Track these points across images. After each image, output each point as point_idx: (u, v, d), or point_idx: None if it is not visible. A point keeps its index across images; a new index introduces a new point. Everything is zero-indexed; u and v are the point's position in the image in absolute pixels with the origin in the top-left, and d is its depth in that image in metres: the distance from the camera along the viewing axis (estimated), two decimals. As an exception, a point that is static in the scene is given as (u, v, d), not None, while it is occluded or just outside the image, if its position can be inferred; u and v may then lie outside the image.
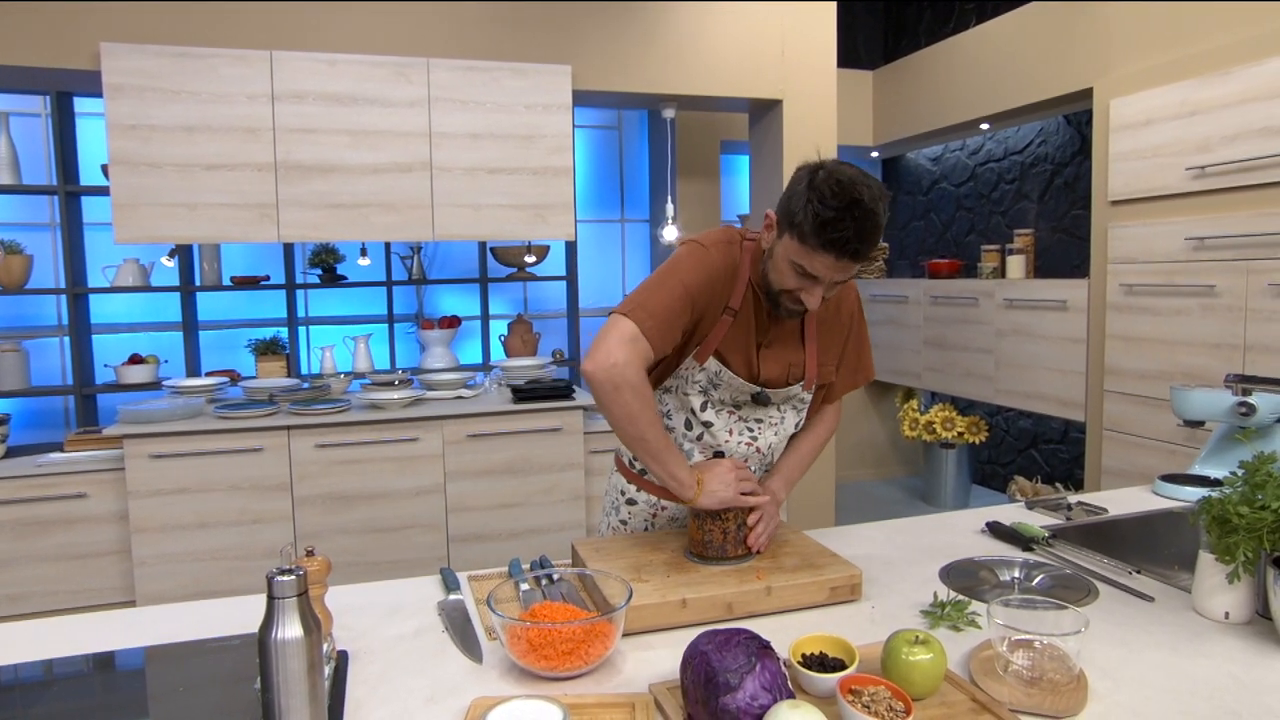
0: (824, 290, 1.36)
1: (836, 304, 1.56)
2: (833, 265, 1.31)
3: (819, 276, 1.33)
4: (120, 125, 3.00)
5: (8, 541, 3.05)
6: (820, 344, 1.55)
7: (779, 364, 1.51)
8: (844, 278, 1.35)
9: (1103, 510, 1.88)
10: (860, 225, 1.27)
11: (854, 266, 1.33)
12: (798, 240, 1.32)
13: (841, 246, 1.28)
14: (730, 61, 3.76)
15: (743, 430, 1.56)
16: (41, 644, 1.30)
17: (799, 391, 1.56)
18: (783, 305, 1.42)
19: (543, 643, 1.12)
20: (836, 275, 1.33)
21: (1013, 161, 4.69)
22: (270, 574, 0.97)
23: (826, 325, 1.55)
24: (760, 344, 1.50)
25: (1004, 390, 4.05)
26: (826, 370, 1.58)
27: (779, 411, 1.58)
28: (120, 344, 4.19)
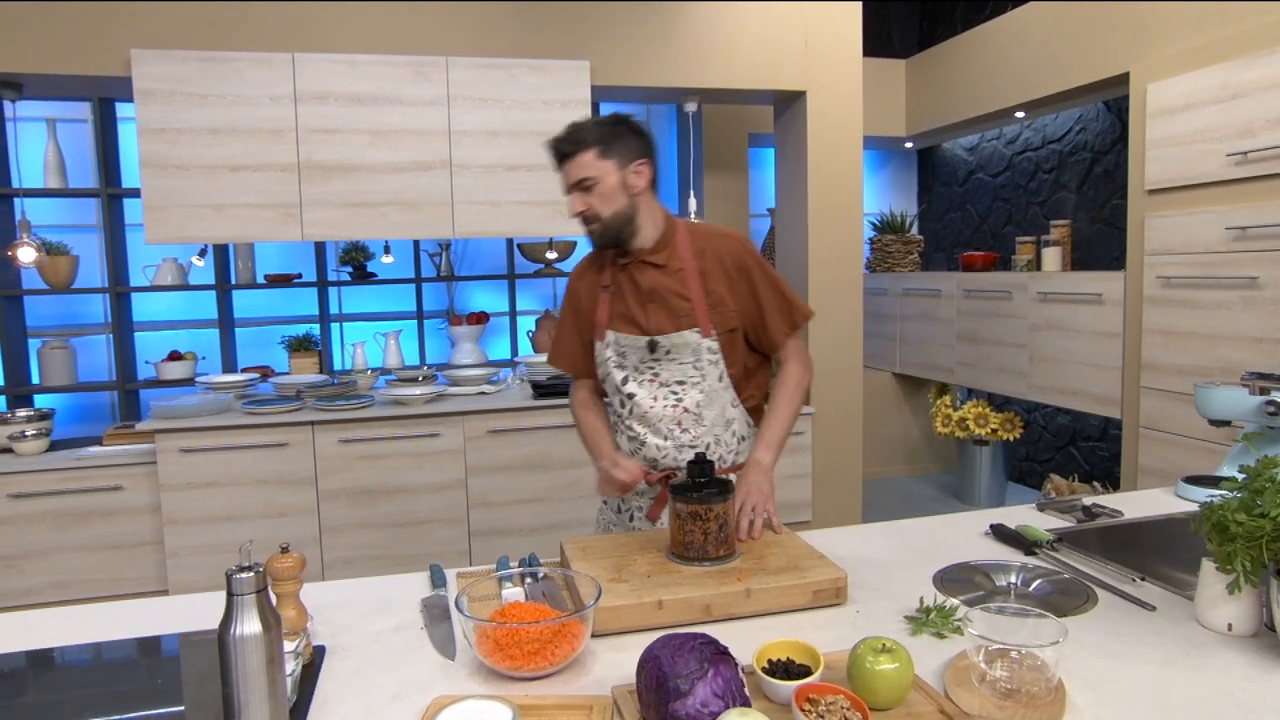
0: (576, 196, 1.63)
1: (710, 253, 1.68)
2: (563, 170, 1.63)
3: (565, 187, 1.65)
4: (150, 129, 3.09)
5: (50, 531, 3.18)
6: (707, 291, 1.66)
7: (665, 315, 1.66)
8: (572, 175, 1.62)
9: (1118, 513, 1.81)
10: (559, 136, 1.63)
11: (568, 164, 1.61)
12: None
13: (553, 154, 1.64)
14: (752, 53, 3.71)
15: (666, 395, 1.68)
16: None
17: (697, 339, 1.65)
18: (587, 236, 1.68)
19: (508, 642, 1.12)
20: (567, 179, 1.63)
21: (1051, 150, 4.54)
22: (229, 571, 0.99)
23: (709, 274, 1.67)
24: (644, 302, 1.67)
25: (1038, 386, 3.93)
26: (724, 315, 1.66)
27: (695, 369, 1.67)
28: (162, 341, 4.33)
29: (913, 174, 5.77)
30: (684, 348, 1.66)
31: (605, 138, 1.62)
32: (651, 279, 1.67)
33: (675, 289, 1.66)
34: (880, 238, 5.29)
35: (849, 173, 3.88)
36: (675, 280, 1.66)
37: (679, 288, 1.66)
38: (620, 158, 1.62)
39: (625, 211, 1.64)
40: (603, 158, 1.61)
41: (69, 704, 1.16)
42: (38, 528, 3.15)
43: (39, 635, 1.34)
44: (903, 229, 5.26)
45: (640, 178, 1.65)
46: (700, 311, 1.65)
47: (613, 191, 1.62)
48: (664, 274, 1.67)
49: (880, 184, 5.74)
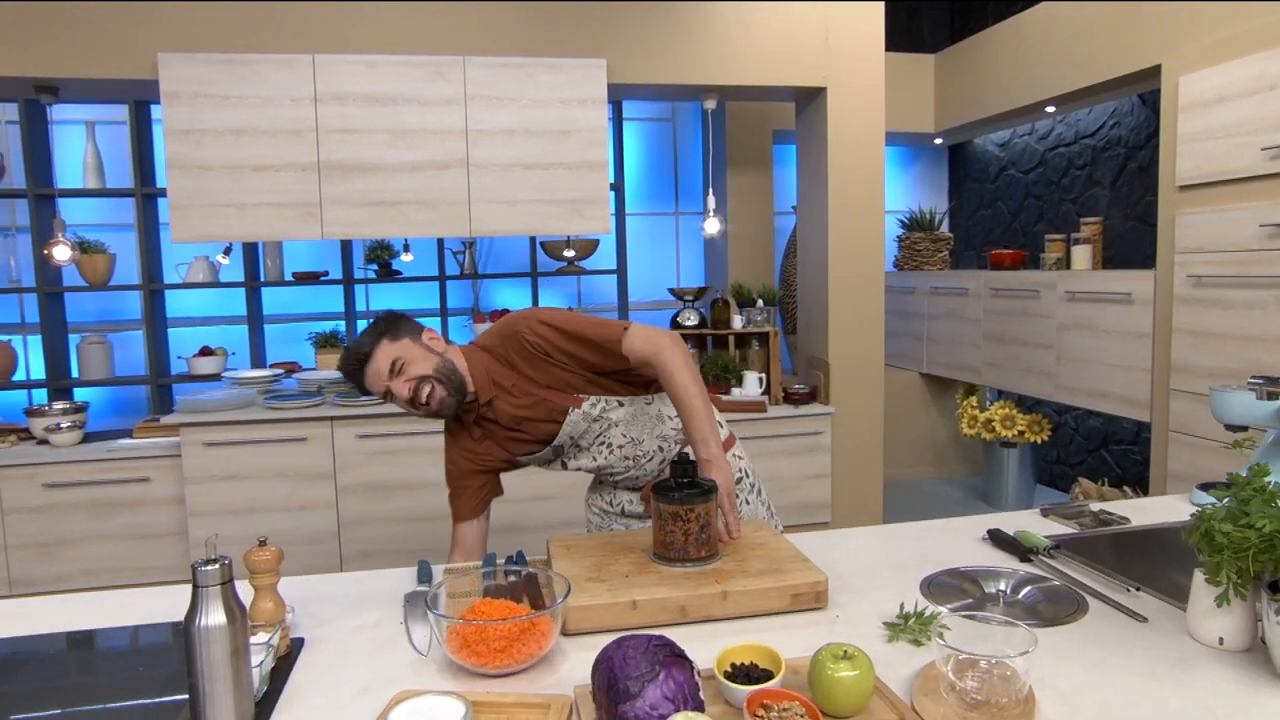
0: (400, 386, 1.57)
1: (512, 357, 1.65)
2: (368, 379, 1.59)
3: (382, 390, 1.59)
4: (175, 130, 3.17)
5: (82, 521, 3.28)
6: (541, 376, 1.65)
7: (540, 424, 1.67)
8: (384, 371, 1.57)
9: (1125, 520, 1.75)
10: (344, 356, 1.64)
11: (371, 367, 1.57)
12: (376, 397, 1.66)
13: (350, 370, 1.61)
14: (771, 49, 3.67)
15: (600, 450, 1.72)
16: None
17: (579, 414, 1.65)
18: (439, 413, 1.62)
19: (475, 640, 1.13)
20: (378, 381, 1.59)
21: (1084, 145, 4.42)
22: (195, 563, 1.01)
23: (527, 373, 1.65)
24: (518, 428, 1.68)
25: (1065, 387, 3.82)
26: (570, 380, 1.65)
27: (599, 423, 1.68)
28: (195, 336, 4.45)
29: (943, 171, 5.66)
30: (576, 425, 1.67)
31: (384, 330, 1.60)
32: (503, 410, 1.66)
33: (525, 403, 1.65)
34: (909, 235, 5.21)
35: (870, 169, 3.82)
36: (517, 398, 1.65)
37: (526, 399, 1.65)
38: (410, 335, 1.62)
39: (444, 366, 1.60)
40: (394, 340, 1.59)
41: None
42: (70, 516, 3.26)
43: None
44: (932, 226, 5.16)
45: (436, 342, 1.64)
46: (556, 398, 1.65)
47: (423, 357, 1.59)
48: (505, 400, 1.65)
49: (910, 181, 5.64)
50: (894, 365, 5.39)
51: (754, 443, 3.76)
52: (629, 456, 1.72)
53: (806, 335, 4.22)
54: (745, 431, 3.75)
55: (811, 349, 4.15)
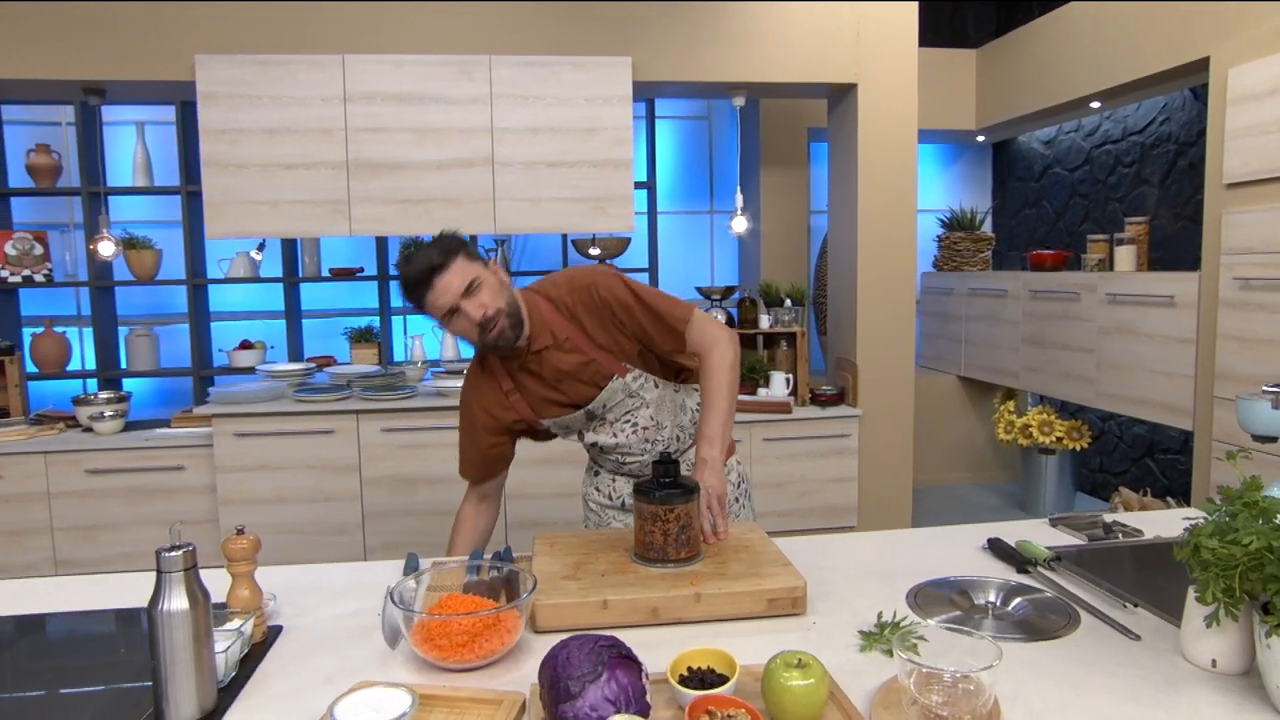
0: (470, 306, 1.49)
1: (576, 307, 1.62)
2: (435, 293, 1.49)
3: (447, 305, 1.50)
4: (211, 130, 3.27)
5: (122, 506, 3.41)
6: (596, 343, 1.63)
7: (582, 384, 1.64)
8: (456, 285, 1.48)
9: (1137, 532, 1.68)
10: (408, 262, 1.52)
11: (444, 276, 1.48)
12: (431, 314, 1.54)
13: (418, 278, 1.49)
14: (800, 45, 3.62)
15: (623, 427, 1.70)
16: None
17: (621, 382, 1.65)
18: (496, 345, 1.55)
19: (437, 634, 1.13)
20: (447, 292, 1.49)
21: (1132, 143, 4.25)
22: (160, 549, 1.04)
23: (588, 327, 1.62)
24: (558, 384, 1.64)
25: (1105, 394, 3.68)
26: (623, 347, 1.63)
27: (633, 399, 1.67)
28: (237, 330, 4.59)
29: (987, 169, 5.51)
30: (614, 395, 1.66)
31: (459, 246, 1.53)
32: (550, 362, 1.62)
33: (574, 359, 1.62)
34: (948, 235, 5.08)
35: (902, 168, 3.74)
36: (568, 350, 1.62)
37: (576, 356, 1.62)
38: (478, 259, 1.56)
39: (513, 302, 1.56)
40: (471, 260, 1.53)
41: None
42: (111, 502, 3.39)
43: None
44: (972, 226, 5.03)
45: (502, 272, 1.60)
46: (606, 362, 1.63)
47: (497, 285, 1.54)
48: (555, 352, 1.62)
49: (952, 179, 5.51)
50: (931, 368, 5.27)
51: (778, 444, 3.72)
52: (648, 440, 1.71)
53: (836, 336, 4.15)
54: (770, 433, 3.71)
55: (840, 350, 4.08)
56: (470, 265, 1.51)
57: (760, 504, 3.76)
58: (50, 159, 4.08)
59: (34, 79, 3.34)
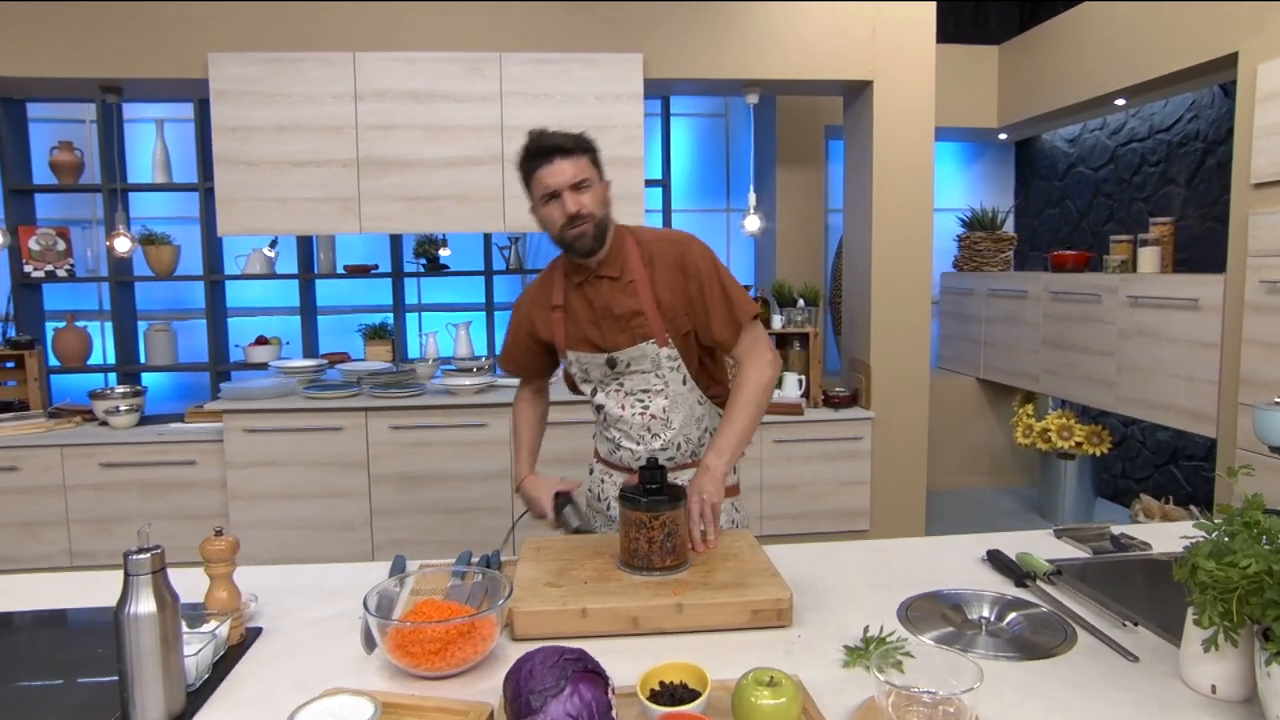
0: (570, 198, 1.55)
1: (658, 259, 1.65)
2: (550, 170, 1.54)
3: (554, 187, 1.55)
4: (223, 127, 3.29)
5: (136, 500, 3.45)
6: (658, 300, 1.63)
7: (621, 331, 1.64)
8: (570, 173, 1.54)
9: (1145, 546, 1.62)
10: (542, 133, 1.58)
11: (566, 161, 1.54)
12: (529, 184, 1.60)
13: (540, 150, 1.55)
14: (814, 42, 3.56)
15: (633, 403, 1.69)
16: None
17: (655, 350, 1.64)
18: (573, 243, 1.59)
19: (409, 641, 1.12)
20: (561, 175, 1.54)
21: (1158, 141, 4.14)
22: (127, 551, 1.03)
23: (659, 282, 1.64)
24: (598, 320, 1.66)
25: (1125, 398, 3.59)
26: (677, 321, 1.64)
27: (658, 378, 1.66)
28: (254, 326, 4.62)
29: (1009, 168, 5.40)
30: (642, 359, 1.65)
31: (595, 149, 1.62)
32: (605, 294, 1.65)
33: (629, 303, 1.63)
34: (969, 235, 4.99)
35: (918, 166, 3.67)
36: (627, 293, 1.64)
37: (632, 301, 1.63)
38: (601, 172, 1.63)
39: (606, 220, 1.62)
40: (594, 166, 1.61)
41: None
42: (124, 495, 3.44)
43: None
44: (994, 226, 4.93)
45: (610, 193, 1.66)
46: (654, 323, 1.63)
47: (601, 199, 1.61)
48: (616, 287, 1.64)
49: (973, 178, 5.41)
50: (949, 369, 5.18)
51: (789, 446, 3.67)
52: (650, 430, 1.69)
53: (850, 337, 4.10)
54: (781, 434, 3.67)
55: (854, 351, 4.02)
56: (590, 168, 1.58)
57: (770, 506, 3.72)
58: (73, 156, 4.14)
59: (54, 77, 3.38)
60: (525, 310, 1.77)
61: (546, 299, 1.73)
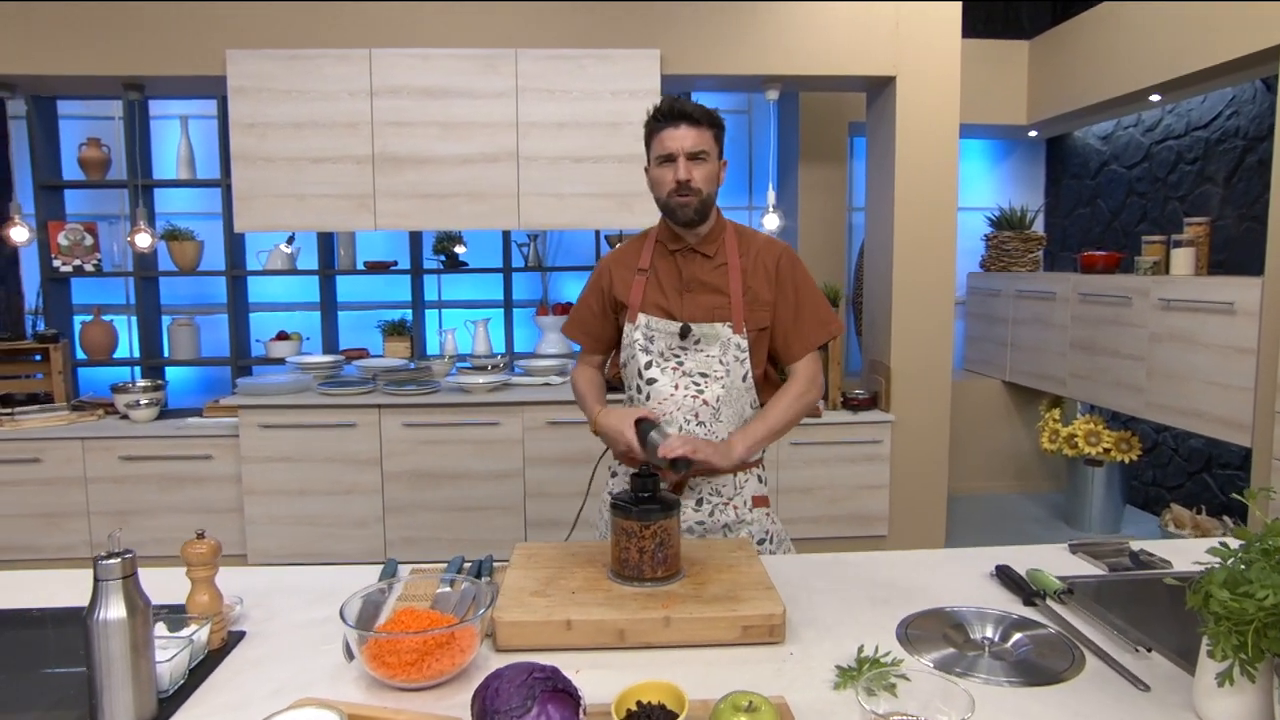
0: (684, 165, 1.57)
1: (755, 253, 1.69)
2: (673, 134, 1.57)
3: (672, 151, 1.58)
4: (241, 123, 3.31)
5: (154, 493, 3.49)
6: (746, 288, 1.66)
7: (700, 306, 1.66)
8: (691, 142, 1.57)
9: (1166, 564, 1.55)
10: (677, 99, 1.60)
11: (691, 130, 1.57)
12: (650, 143, 1.63)
13: (668, 113, 1.58)
14: (835, 37, 3.49)
15: (688, 385, 1.65)
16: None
17: (729, 334, 1.64)
18: (675, 209, 1.62)
19: (385, 651, 1.09)
20: (682, 141, 1.57)
21: (1195, 138, 4.00)
22: (97, 556, 1.01)
23: (751, 272, 1.67)
24: (682, 290, 1.67)
25: (1156, 404, 3.47)
26: (758, 314, 1.66)
27: (721, 364, 1.65)
28: (275, 321, 4.66)
29: (1039, 166, 5.27)
30: (714, 340, 1.65)
31: (723, 126, 1.65)
32: (695, 268, 1.68)
33: (716, 282, 1.67)
34: (996, 234, 4.87)
35: (942, 164, 3.58)
36: (718, 273, 1.67)
37: (720, 281, 1.67)
38: (721, 150, 1.66)
39: (712, 197, 1.65)
40: (716, 142, 1.64)
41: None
42: (143, 488, 3.48)
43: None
44: (1022, 225, 4.81)
45: (723, 175, 1.69)
46: (736, 307, 1.65)
47: (714, 175, 1.64)
48: (709, 265, 1.68)
49: (1002, 176, 5.28)
50: (975, 371, 5.07)
51: (806, 449, 3.61)
52: (697, 415, 1.65)
53: (870, 338, 4.02)
54: (798, 437, 3.61)
55: (874, 353, 3.94)
56: (713, 144, 1.61)
57: (786, 510, 3.66)
58: (100, 152, 4.20)
59: (79, 75, 3.42)
60: (607, 266, 1.77)
61: (633, 261, 1.74)
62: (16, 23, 3.33)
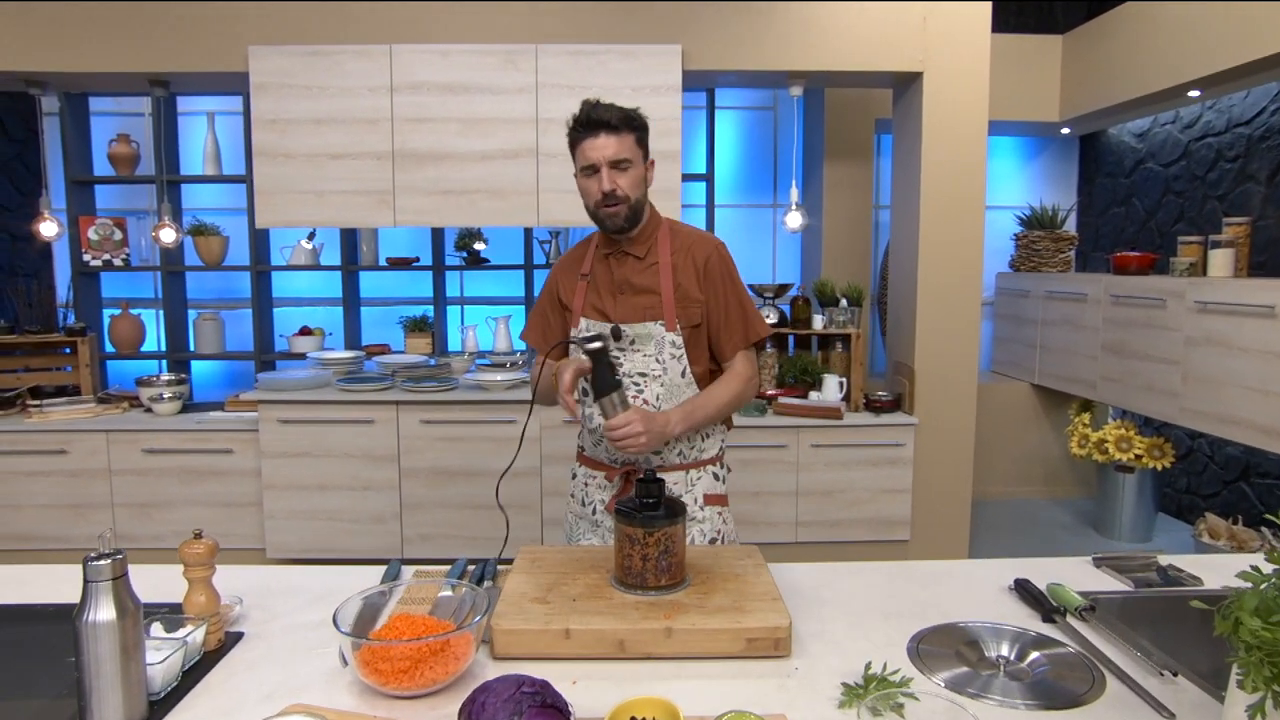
0: (607, 175, 1.57)
1: (690, 252, 1.68)
2: (594, 143, 1.56)
3: (594, 161, 1.57)
4: (262, 120, 3.32)
5: (176, 486, 3.53)
6: (676, 285, 1.66)
7: (633, 306, 1.67)
8: (611, 151, 1.56)
9: (1196, 580, 1.48)
10: (595, 105, 1.58)
11: (611, 138, 1.56)
12: (573, 153, 1.62)
13: (586, 122, 1.57)
14: (860, 32, 3.42)
15: (628, 386, 1.65)
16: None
17: (662, 331, 1.65)
18: (604, 219, 1.62)
19: (378, 658, 1.07)
20: (604, 150, 1.56)
21: (1236, 135, 3.87)
22: (87, 557, 1.00)
23: (682, 270, 1.67)
24: (615, 293, 1.68)
25: (1190, 410, 3.36)
26: (690, 311, 1.66)
27: (658, 363, 1.65)
28: (299, 316, 4.69)
29: (1072, 164, 5.14)
30: (647, 339, 1.66)
31: (643, 128, 1.64)
32: (626, 270, 1.68)
33: (647, 282, 1.67)
34: (1027, 234, 4.76)
35: (970, 162, 3.50)
36: (648, 273, 1.68)
37: (650, 281, 1.67)
38: (645, 151, 1.65)
39: (641, 202, 1.65)
40: (639, 145, 1.62)
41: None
42: (165, 481, 3.51)
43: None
44: (1054, 224, 4.69)
45: (651, 174, 1.68)
46: (667, 305, 1.65)
47: (639, 180, 1.63)
48: (639, 265, 1.68)
49: (1033, 174, 5.16)
50: (1003, 374, 4.97)
51: (827, 451, 3.55)
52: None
53: (895, 339, 3.94)
54: (819, 439, 3.55)
55: (899, 354, 3.87)
56: (634, 149, 1.60)
57: (805, 512, 3.61)
58: (129, 148, 4.25)
59: (106, 72, 3.46)
60: (555, 273, 1.80)
61: (577, 266, 1.76)
62: (45, 20, 3.37)
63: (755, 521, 3.54)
